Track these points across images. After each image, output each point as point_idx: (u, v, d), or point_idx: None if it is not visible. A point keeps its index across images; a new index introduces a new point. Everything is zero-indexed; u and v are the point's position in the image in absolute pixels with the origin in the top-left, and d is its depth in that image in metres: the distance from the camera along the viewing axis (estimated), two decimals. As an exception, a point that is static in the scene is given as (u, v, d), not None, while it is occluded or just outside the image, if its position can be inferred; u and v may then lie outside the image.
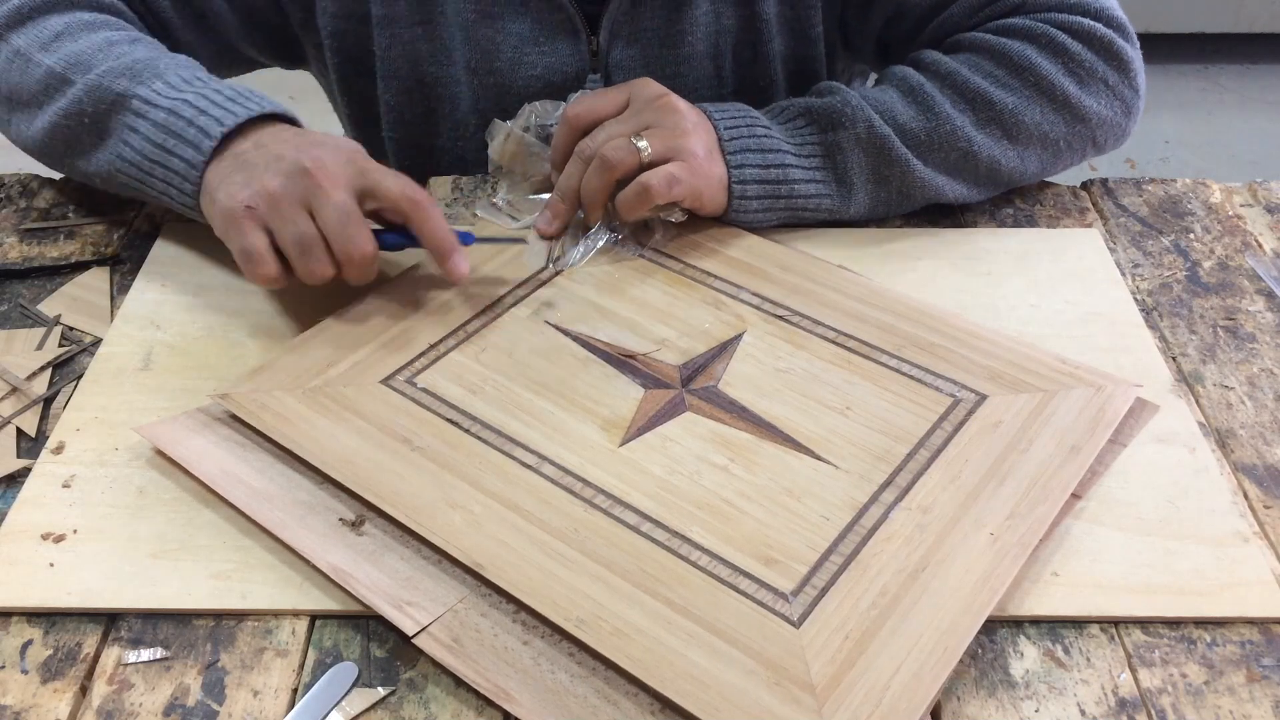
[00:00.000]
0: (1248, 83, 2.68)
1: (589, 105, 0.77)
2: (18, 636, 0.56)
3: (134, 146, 0.73)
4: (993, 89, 0.79)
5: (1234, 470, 0.65)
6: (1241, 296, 0.77)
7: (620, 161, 0.73)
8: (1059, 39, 0.80)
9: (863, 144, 0.78)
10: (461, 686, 0.54)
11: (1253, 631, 0.57)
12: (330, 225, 0.67)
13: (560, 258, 0.77)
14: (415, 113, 0.93)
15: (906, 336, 0.71)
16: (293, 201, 0.67)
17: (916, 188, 0.80)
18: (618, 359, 0.69)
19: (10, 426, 0.67)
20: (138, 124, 0.73)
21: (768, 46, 0.90)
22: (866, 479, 0.61)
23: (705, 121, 0.78)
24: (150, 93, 0.73)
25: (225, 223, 0.69)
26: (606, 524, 0.59)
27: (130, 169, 0.74)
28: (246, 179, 0.69)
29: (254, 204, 0.67)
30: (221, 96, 0.73)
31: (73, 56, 0.76)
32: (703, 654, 0.53)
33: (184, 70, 0.75)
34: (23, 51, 0.78)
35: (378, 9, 0.87)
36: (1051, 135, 0.81)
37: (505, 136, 0.81)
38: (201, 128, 0.71)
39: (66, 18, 0.79)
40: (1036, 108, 0.80)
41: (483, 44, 0.88)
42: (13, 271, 0.78)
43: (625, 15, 0.87)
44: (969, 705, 0.54)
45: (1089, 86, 0.81)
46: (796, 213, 0.80)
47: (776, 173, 0.78)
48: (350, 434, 0.63)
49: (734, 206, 0.78)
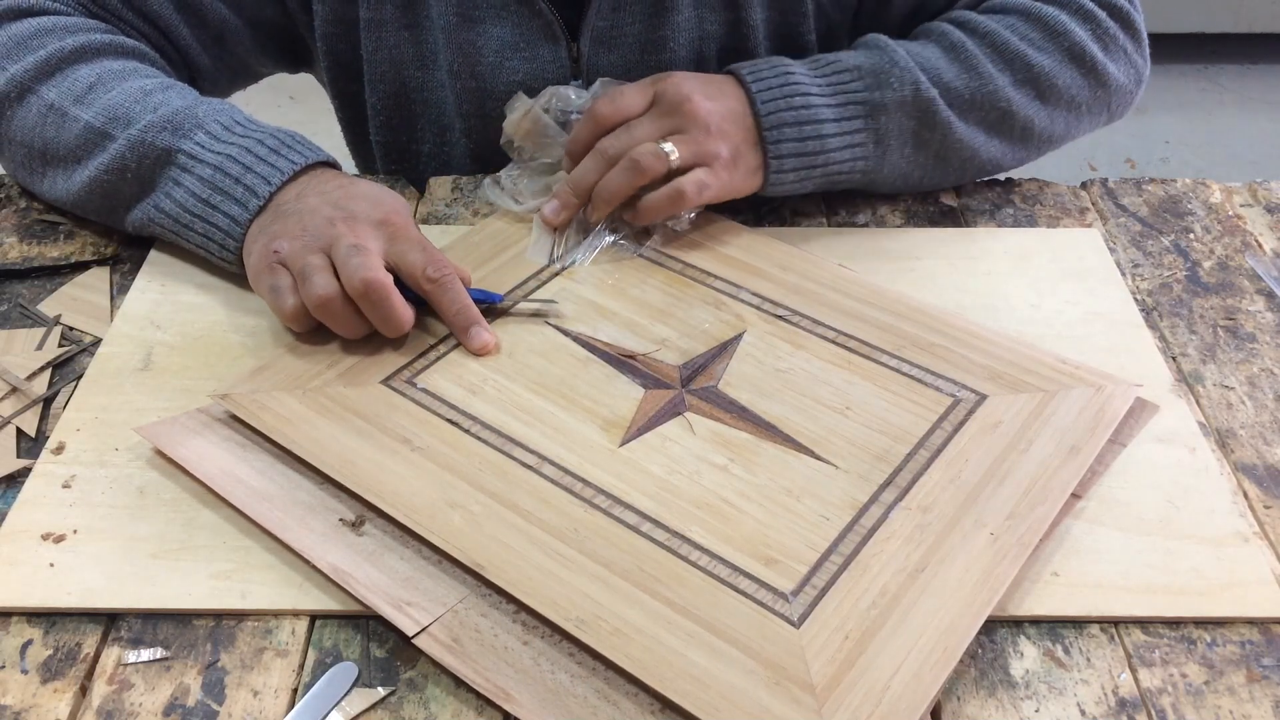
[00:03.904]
0: (1248, 83, 2.68)
1: (618, 106, 0.77)
2: (18, 636, 0.56)
3: (176, 200, 0.74)
4: (1030, 51, 0.81)
5: (1234, 470, 0.65)
6: (1241, 296, 0.77)
7: (650, 167, 0.74)
8: (1087, 6, 0.83)
9: (907, 106, 0.79)
10: (461, 686, 0.54)
11: (1253, 631, 0.57)
12: (340, 259, 0.67)
13: (563, 255, 0.77)
14: (400, 116, 0.93)
15: (906, 336, 0.71)
16: (310, 244, 0.68)
17: (954, 149, 0.81)
18: (618, 359, 0.69)
19: (10, 426, 0.67)
20: (183, 178, 0.74)
21: (755, 52, 0.90)
22: (866, 479, 0.61)
23: (733, 108, 0.77)
24: (194, 146, 0.74)
25: (258, 273, 0.70)
26: (606, 524, 0.59)
27: (168, 221, 0.75)
28: (281, 229, 0.70)
29: (279, 249, 0.69)
30: (265, 149, 0.73)
31: (110, 110, 0.75)
32: (702, 654, 0.53)
33: (223, 116, 0.75)
34: (56, 106, 0.77)
35: (365, 13, 0.87)
36: (1078, 99, 0.84)
37: (524, 113, 0.80)
38: (249, 186, 0.72)
39: (97, 67, 0.78)
40: (1068, 71, 0.82)
41: (464, 48, 0.87)
42: (13, 271, 0.78)
43: (605, 21, 0.87)
44: (969, 705, 0.54)
45: (1112, 53, 0.84)
46: (831, 178, 0.81)
47: (814, 144, 0.78)
48: (350, 434, 0.63)
49: (770, 182, 0.79)
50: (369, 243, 0.68)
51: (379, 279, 0.66)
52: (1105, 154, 2.36)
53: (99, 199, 0.77)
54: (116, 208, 0.77)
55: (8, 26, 0.80)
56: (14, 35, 0.79)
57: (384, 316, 0.67)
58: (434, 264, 0.69)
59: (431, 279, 0.69)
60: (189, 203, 0.73)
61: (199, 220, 0.73)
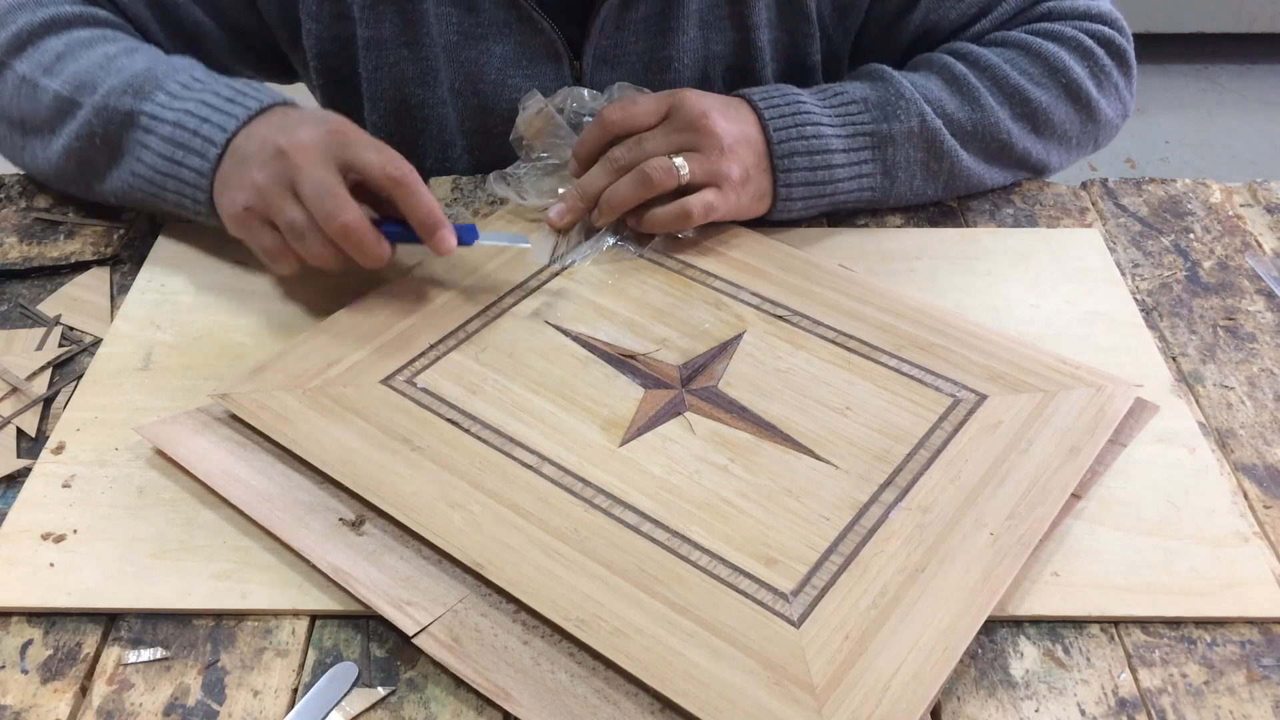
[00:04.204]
0: (1248, 83, 2.68)
1: (628, 114, 0.77)
2: (18, 636, 0.56)
3: (146, 162, 0.74)
4: (1029, 86, 0.83)
5: (1234, 470, 0.65)
6: (1241, 296, 0.77)
7: (660, 182, 0.74)
8: (1086, 44, 0.85)
9: (915, 137, 0.80)
10: (461, 686, 0.54)
11: (1253, 631, 0.57)
12: (311, 203, 0.67)
13: (563, 255, 0.77)
14: (401, 134, 0.93)
15: (906, 336, 0.71)
16: (277, 188, 0.68)
17: (959, 178, 0.83)
18: (618, 359, 0.69)
19: (10, 426, 0.67)
20: (147, 140, 0.74)
21: (761, 73, 0.90)
22: (866, 479, 0.61)
23: (746, 131, 0.77)
24: (155, 107, 0.74)
25: (235, 228, 0.71)
26: (606, 524, 0.59)
27: (144, 184, 0.75)
28: (239, 179, 0.70)
29: (249, 204, 0.69)
30: (220, 99, 0.73)
31: (76, 78, 0.76)
32: (703, 654, 0.53)
33: (181, 75, 0.76)
34: (28, 78, 0.78)
35: (364, 31, 0.87)
36: (1070, 133, 0.86)
37: (538, 111, 0.80)
38: (206, 136, 0.72)
39: (65, 38, 0.79)
40: (1064, 107, 0.84)
41: (466, 66, 0.87)
42: (13, 271, 0.78)
43: (609, 40, 0.86)
44: (969, 705, 0.54)
45: (1105, 90, 0.86)
46: (838, 205, 0.81)
47: (823, 174, 0.78)
48: (350, 434, 0.63)
49: (778, 209, 0.79)
50: (322, 167, 0.67)
51: (354, 222, 0.67)
52: (1105, 154, 2.34)
53: (75, 167, 0.78)
54: (92, 177, 0.78)
55: None
56: None
57: (363, 254, 0.68)
58: (391, 161, 0.68)
59: (392, 177, 0.68)
60: (157, 163, 0.74)
61: (170, 179, 0.74)
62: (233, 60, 0.92)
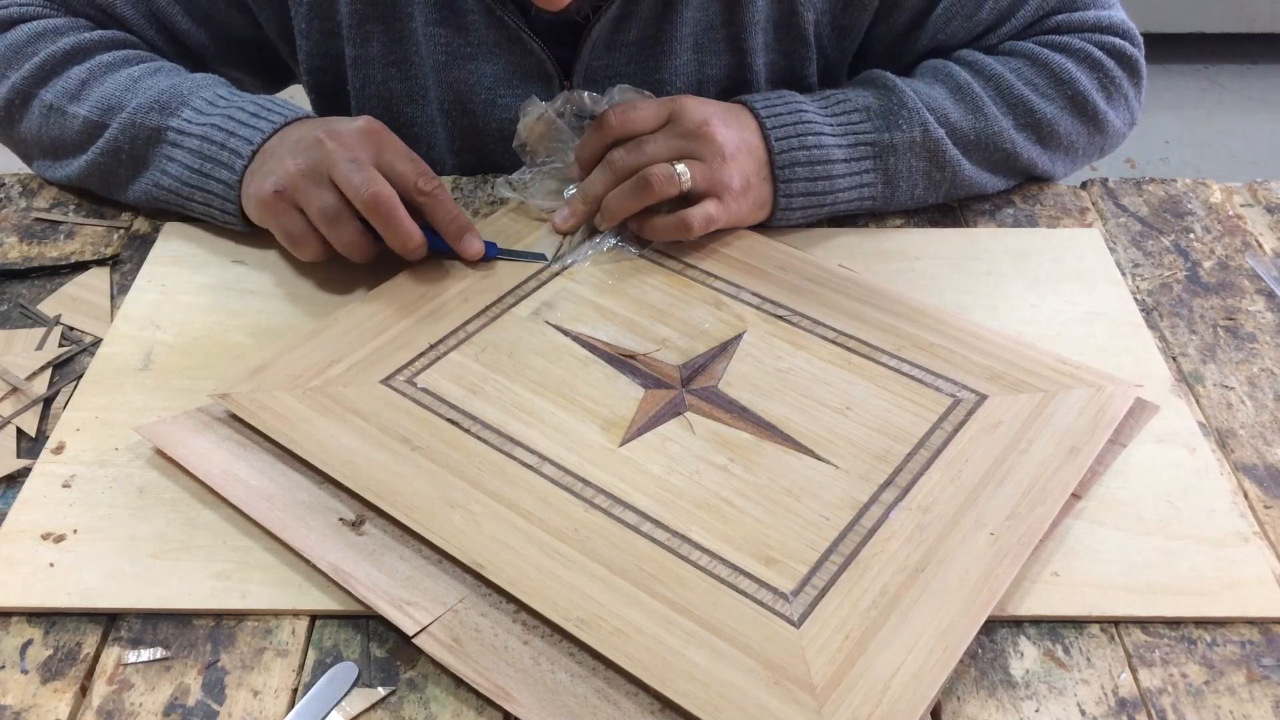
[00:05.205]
0: (1248, 83, 2.68)
1: (629, 118, 0.76)
2: (18, 636, 0.56)
3: (171, 174, 0.77)
4: (1034, 97, 0.82)
5: (1234, 470, 0.65)
6: (1241, 296, 0.77)
7: (661, 190, 0.74)
8: (1095, 55, 0.84)
9: (917, 147, 0.79)
10: (461, 686, 0.54)
11: (1253, 631, 0.57)
12: (342, 180, 0.70)
13: (565, 255, 0.77)
14: None
15: (906, 336, 0.71)
16: (311, 174, 0.71)
17: (961, 187, 0.83)
18: (618, 359, 0.69)
19: (10, 426, 0.67)
20: (174, 153, 0.77)
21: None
22: (866, 479, 0.61)
23: (747, 140, 0.77)
24: (181, 122, 0.77)
25: (261, 212, 0.73)
26: (606, 524, 0.59)
27: (168, 195, 0.79)
28: (270, 167, 0.72)
29: (280, 187, 0.71)
30: (246, 114, 0.76)
31: (103, 101, 0.79)
32: (702, 654, 0.53)
33: (207, 91, 0.79)
34: (55, 106, 0.81)
35: (352, 49, 0.86)
36: (1076, 144, 0.85)
37: (538, 116, 0.80)
38: (233, 149, 0.75)
39: (89, 64, 0.82)
40: (1069, 119, 0.84)
41: (456, 86, 0.87)
42: (13, 271, 0.78)
43: (600, 61, 0.85)
44: (969, 705, 0.54)
45: (1114, 101, 0.85)
46: (838, 213, 0.81)
47: (824, 184, 0.78)
48: (350, 434, 0.63)
49: (777, 218, 0.79)
50: (361, 154, 0.71)
51: (384, 192, 0.70)
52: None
53: (97, 180, 0.82)
54: (115, 186, 0.81)
55: (3, 37, 0.83)
56: (10, 44, 0.83)
57: (393, 230, 0.71)
58: (424, 175, 0.73)
59: (423, 190, 0.72)
60: (184, 175, 0.77)
61: (197, 190, 0.77)
62: (229, 67, 0.92)
